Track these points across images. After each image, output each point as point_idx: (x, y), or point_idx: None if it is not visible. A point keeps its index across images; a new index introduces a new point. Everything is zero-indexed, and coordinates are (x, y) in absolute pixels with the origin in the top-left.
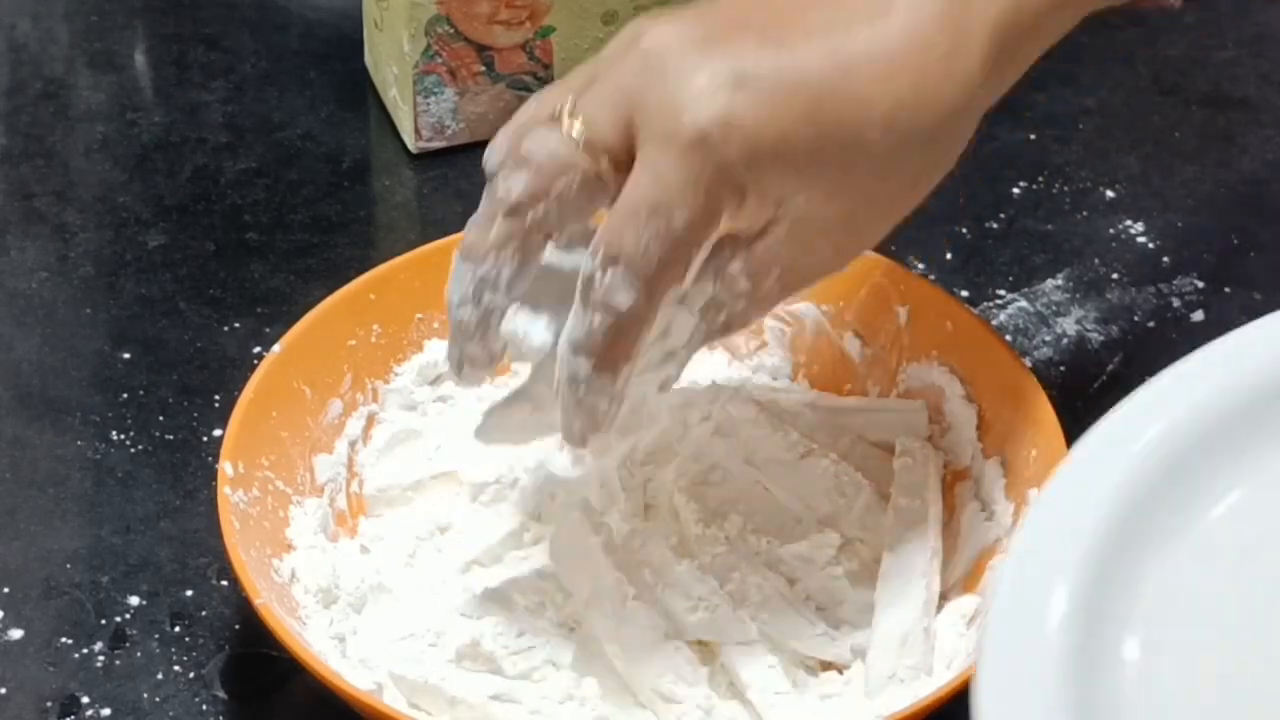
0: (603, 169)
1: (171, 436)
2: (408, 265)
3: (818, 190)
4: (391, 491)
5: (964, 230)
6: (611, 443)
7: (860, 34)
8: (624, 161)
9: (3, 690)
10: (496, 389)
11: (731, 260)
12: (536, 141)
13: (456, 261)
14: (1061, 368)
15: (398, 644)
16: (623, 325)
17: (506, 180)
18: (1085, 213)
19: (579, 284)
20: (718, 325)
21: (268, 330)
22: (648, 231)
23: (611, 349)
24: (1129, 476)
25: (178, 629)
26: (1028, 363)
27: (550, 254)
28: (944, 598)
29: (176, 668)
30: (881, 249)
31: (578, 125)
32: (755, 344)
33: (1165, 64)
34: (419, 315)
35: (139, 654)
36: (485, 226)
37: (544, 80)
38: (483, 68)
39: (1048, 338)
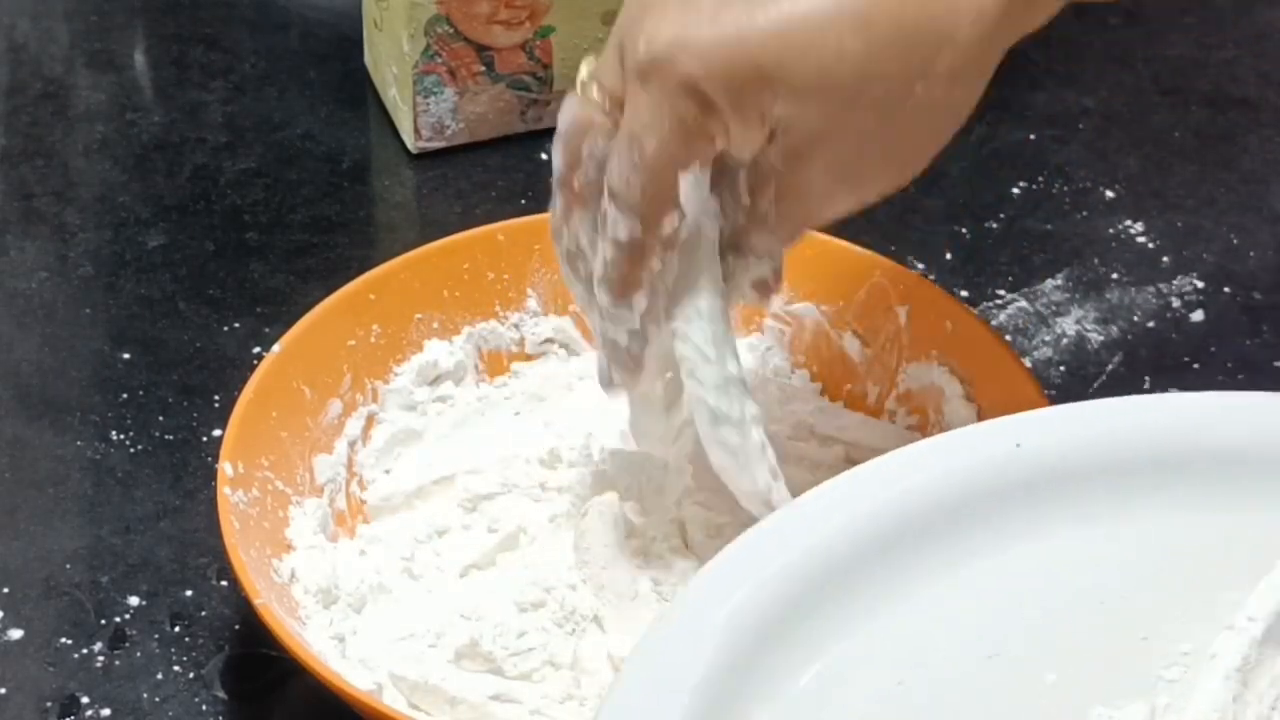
0: (618, 119)
1: (171, 436)
2: (407, 265)
3: (799, 104)
4: (394, 500)
5: (964, 230)
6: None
7: None
8: None
9: (3, 690)
10: (495, 388)
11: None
12: (560, 112)
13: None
14: (1061, 368)
15: (397, 644)
16: (626, 255)
17: (553, 157)
18: (1085, 213)
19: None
20: (726, 241)
21: (267, 330)
22: (626, 163)
23: (623, 279)
24: (731, 627)
25: (177, 629)
26: (1027, 363)
27: None
28: None
29: (176, 668)
30: (881, 249)
31: (586, 84)
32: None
33: (1165, 64)
34: (418, 315)
35: (139, 654)
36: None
37: (543, 80)
38: (482, 68)
39: (1047, 338)
